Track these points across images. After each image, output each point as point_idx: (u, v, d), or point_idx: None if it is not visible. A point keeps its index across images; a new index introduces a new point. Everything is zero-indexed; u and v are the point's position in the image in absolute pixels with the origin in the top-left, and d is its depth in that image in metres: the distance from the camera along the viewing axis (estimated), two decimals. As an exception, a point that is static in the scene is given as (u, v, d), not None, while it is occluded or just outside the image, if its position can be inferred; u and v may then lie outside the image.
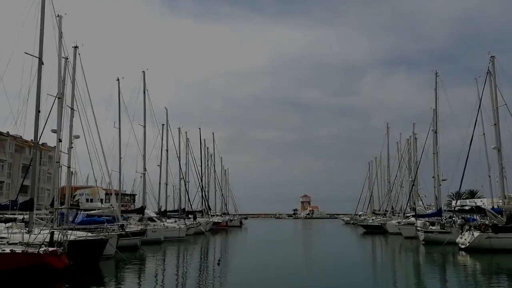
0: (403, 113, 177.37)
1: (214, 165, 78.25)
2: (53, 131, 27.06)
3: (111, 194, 33.75)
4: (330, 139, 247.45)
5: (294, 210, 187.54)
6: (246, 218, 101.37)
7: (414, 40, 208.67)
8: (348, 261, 26.90)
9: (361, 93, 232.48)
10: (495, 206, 36.77)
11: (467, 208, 39.60)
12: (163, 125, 51.76)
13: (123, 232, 25.97)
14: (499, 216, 33.68)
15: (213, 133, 79.86)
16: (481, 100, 35.76)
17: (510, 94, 39.63)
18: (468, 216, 38.37)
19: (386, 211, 70.14)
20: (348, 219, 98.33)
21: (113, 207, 30.57)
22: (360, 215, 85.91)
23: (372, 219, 68.82)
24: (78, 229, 22.99)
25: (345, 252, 33.48)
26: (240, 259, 28.68)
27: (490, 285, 18.38)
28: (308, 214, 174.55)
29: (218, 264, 24.10)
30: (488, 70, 35.43)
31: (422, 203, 56.36)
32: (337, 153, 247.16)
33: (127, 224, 31.50)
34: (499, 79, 35.16)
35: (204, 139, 73.12)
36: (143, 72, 42.52)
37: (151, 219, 40.77)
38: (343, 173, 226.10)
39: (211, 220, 62.58)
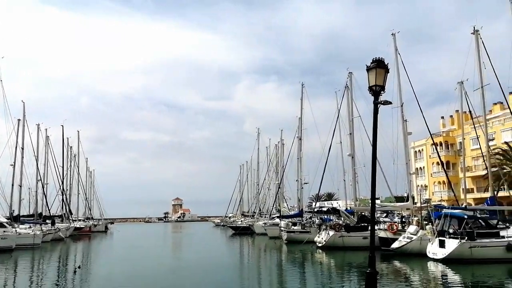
0: (273, 120, 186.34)
1: (78, 166, 72.86)
2: None
3: (-51, 197, 29.48)
4: (204, 142, 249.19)
5: (165, 213, 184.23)
6: (112, 223, 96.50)
7: (284, 52, 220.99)
8: (215, 263, 27.29)
9: (235, 99, 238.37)
10: (348, 208, 40.78)
11: (324, 209, 43.11)
12: (19, 120, 46.98)
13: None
14: (352, 216, 37.47)
15: (78, 131, 73.95)
16: (339, 112, 39.60)
17: (364, 107, 44.39)
18: (326, 216, 41.77)
19: (254, 212, 73.09)
20: (219, 221, 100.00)
21: (-49, 212, 26.86)
22: (230, 217, 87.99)
23: (241, 221, 70.93)
24: None
25: (212, 254, 33.84)
26: (102, 266, 27.10)
27: (342, 279, 20.23)
28: (179, 217, 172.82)
29: (75, 272, 22.43)
30: (346, 84, 39.25)
31: (287, 205, 60.00)
32: (211, 156, 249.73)
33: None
34: (355, 93, 39.32)
35: (68, 138, 67.82)
36: (-4, 60, 38.20)
37: (0, 224, 36.73)
38: (216, 176, 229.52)
39: (72, 225, 58.33)
